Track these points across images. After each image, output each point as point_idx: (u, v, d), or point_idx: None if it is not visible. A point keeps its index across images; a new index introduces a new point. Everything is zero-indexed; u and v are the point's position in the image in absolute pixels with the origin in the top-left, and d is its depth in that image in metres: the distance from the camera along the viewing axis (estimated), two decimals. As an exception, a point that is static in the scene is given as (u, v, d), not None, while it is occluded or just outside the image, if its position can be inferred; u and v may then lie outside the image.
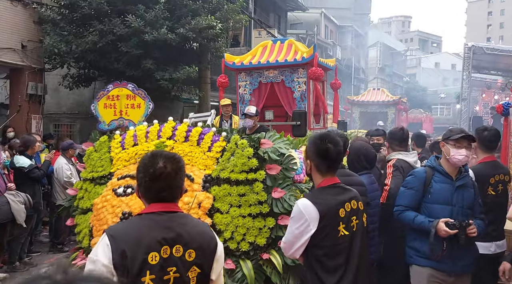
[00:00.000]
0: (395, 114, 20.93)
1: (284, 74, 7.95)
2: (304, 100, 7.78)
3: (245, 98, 8.24)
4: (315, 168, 2.45)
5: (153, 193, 1.80)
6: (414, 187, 3.25)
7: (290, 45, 8.32)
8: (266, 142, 3.56)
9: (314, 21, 29.84)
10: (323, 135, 2.47)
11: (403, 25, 75.18)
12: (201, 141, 3.66)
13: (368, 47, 45.63)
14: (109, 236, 1.71)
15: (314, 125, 8.01)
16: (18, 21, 9.76)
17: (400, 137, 4.16)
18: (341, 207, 2.36)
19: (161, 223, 1.76)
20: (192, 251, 1.78)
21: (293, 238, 2.35)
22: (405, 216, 3.23)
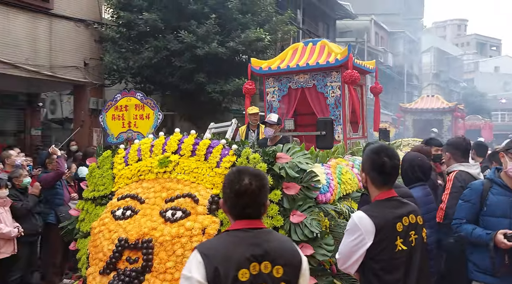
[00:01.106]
0: (452, 122, 20.05)
1: (316, 79, 7.24)
2: (339, 106, 7.03)
3: (273, 106, 7.65)
4: (371, 181, 2.43)
5: (239, 209, 1.84)
6: (470, 199, 3.20)
7: (323, 47, 7.61)
8: (283, 156, 3.18)
9: (364, 28, 29.50)
10: (379, 148, 2.45)
11: (459, 29, 72.31)
12: (209, 155, 3.28)
13: (421, 52, 44.34)
14: (201, 254, 1.76)
15: (351, 134, 7.33)
16: (81, 40, 10.49)
17: (464, 148, 4.00)
18: (398, 221, 2.32)
19: (248, 240, 1.80)
20: (280, 267, 1.80)
21: (348, 251, 2.33)
22: (463, 229, 3.18)
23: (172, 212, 2.92)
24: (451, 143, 4.14)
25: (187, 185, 3.13)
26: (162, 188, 3.15)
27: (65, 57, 10.09)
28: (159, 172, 3.28)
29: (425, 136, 12.47)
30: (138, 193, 3.18)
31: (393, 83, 33.61)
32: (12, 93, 11.21)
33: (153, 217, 2.95)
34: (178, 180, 3.19)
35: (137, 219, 2.97)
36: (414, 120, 20.70)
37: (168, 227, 2.85)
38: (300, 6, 18.38)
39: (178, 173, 3.24)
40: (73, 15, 10.23)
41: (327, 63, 7.01)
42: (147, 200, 3.11)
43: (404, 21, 39.49)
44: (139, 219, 2.96)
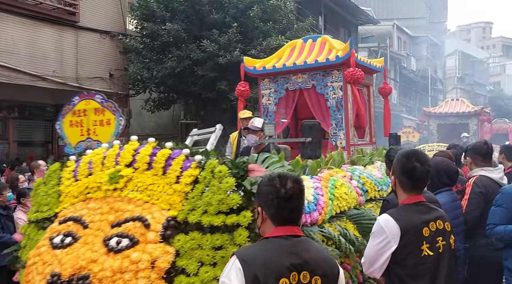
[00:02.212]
0: (478, 126, 19.50)
1: (315, 78, 6.45)
2: (341, 109, 6.27)
3: (269, 109, 6.83)
4: (400, 185, 2.41)
5: (285, 214, 1.83)
6: (502, 204, 3.14)
7: (324, 43, 6.78)
8: (256, 169, 2.64)
9: (386, 33, 29.21)
10: (411, 153, 2.41)
11: (483, 32, 70.95)
12: (168, 168, 2.67)
13: (445, 56, 43.63)
14: (241, 260, 1.73)
15: (356, 140, 6.55)
16: (106, 52, 10.72)
17: (485, 152, 3.91)
18: (425, 226, 2.29)
19: (287, 249, 1.78)
20: (318, 278, 1.79)
21: (374, 255, 2.32)
22: (496, 230, 3.14)
23: (117, 240, 2.38)
24: (472, 147, 4.06)
25: (139, 205, 2.57)
26: (110, 210, 2.60)
27: (91, 69, 10.31)
28: (109, 189, 2.69)
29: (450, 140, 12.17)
30: (83, 216, 2.63)
31: (416, 87, 33.13)
32: (40, 105, 11.50)
33: (94, 246, 2.41)
34: (129, 199, 2.62)
35: (76, 249, 2.43)
36: (439, 124, 20.23)
37: (110, 259, 2.32)
38: (321, 13, 18.36)
39: (131, 191, 2.65)
40: (98, 27, 10.47)
41: (327, 61, 6.26)
42: (91, 224, 2.56)
43: (427, 25, 39.00)
44: (78, 249, 2.42)
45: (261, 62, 6.96)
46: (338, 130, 6.27)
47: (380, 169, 4.72)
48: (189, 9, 10.21)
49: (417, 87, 33.16)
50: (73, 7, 9.75)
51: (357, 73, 5.79)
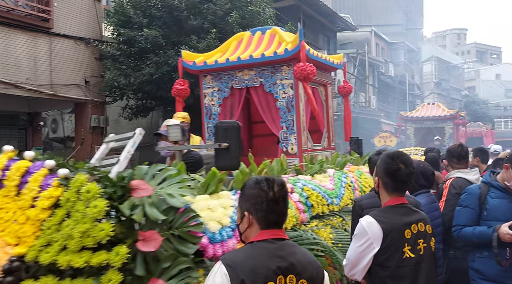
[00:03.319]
0: (453, 129, 19.92)
1: (263, 75, 5.70)
2: (292, 110, 5.58)
3: (212, 111, 6.03)
4: (383, 186, 2.41)
5: (274, 216, 1.83)
6: (469, 204, 3.14)
7: (273, 36, 6.04)
8: (142, 187, 2.05)
9: (364, 40, 29.60)
10: (396, 154, 2.44)
11: (458, 38, 72.58)
12: (24, 186, 2.00)
13: (422, 62, 44.44)
14: (226, 265, 1.72)
15: (310, 145, 5.89)
16: (82, 58, 10.50)
17: (458, 154, 3.96)
18: (407, 228, 2.30)
19: (274, 252, 1.78)
20: (304, 281, 1.79)
21: (356, 257, 2.31)
22: (464, 232, 3.13)
23: None
24: (447, 150, 4.14)
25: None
26: None
27: (66, 76, 10.08)
28: None
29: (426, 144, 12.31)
30: None
31: (394, 93, 33.60)
32: (13, 113, 11.20)
33: None
34: None
35: None
36: (415, 128, 20.57)
37: None
38: (300, 19, 18.45)
39: None
40: (73, 34, 10.25)
41: (275, 55, 5.53)
42: None
43: (404, 32, 39.69)
44: None
45: (203, 56, 6.17)
46: (289, 134, 5.62)
47: (333, 178, 4.27)
48: (167, 15, 10.10)
49: (395, 92, 33.64)
50: (47, 14, 9.53)
51: (308, 68, 5.13)
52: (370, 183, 4.91)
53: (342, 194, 4.17)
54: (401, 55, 36.96)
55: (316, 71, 5.55)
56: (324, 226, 3.50)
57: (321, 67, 6.07)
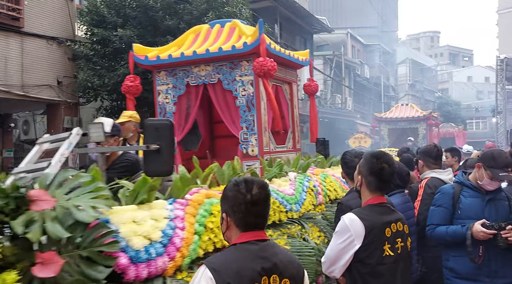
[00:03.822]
0: (426, 130, 20.26)
1: (221, 71, 5.31)
2: (252, 109, 5.19)
3: (167, 110, 5.59)
4: (366, 185, 2.46)
5: (252, 218, 1.81)
6: (442, 204, 3.18)
7: (233, 29, 5.63)
8: (43, 198, 1.71)
9: (340, 42, 29.91)
10: (379, 154, 2.51)
11: (432, 41, 74.18)
12: None
13: (397, 64, 45.20)
14: (211, 269, 1.70)
15: (273, 146, 5.49)
16: (54, 58, 10.27)
17: (435, 154, 4.02)
18: (387, 227, 2.36)
19: (257, 253, 1.78)
20: (287, 280, 1.81)
21: (336, 254, 2.35)
22: (437, 231, 3.17)
23: None
24: (423, 151, 4.18)
25: None
26: None
27: (38, 76, 9.84)
28: None
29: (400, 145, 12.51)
30: None
31: (370, 94, 34.08)
32: (-18, 114, 10.89)
33: None
34: None
35: None
36: (390, 129, 20.80)
37: None
38: (277, 21, 18.53)
39: None
40: (45, 33, 10.04)
41: (233, 49, 5.13)
42: None
43: (379, 34, 40.30)
44: None
45: (156, 50, 5.73)
46: (250, 135, 5.24)
47: (294, 182, 4.01)
48: (142, 15, 9.98)
49: (370, 94, 34.11)
50: (17, 12, 9.29)
51: (268, 63, 4.76)
52: (336, 187, 4.79)
53: (303, 199, 3.95)
54: (376, 57, 37.51)
55: (279, 67, 5.31)
56: (280, 236, 3.29)
57: (285, 64, 5.72)
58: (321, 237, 3.72)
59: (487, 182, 3.05)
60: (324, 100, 25.19)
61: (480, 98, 50.73)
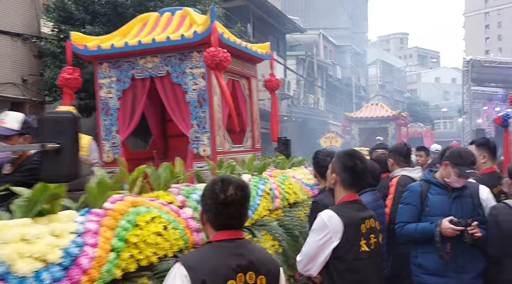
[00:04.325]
0: (396, 129, 20.69)
1: (170, 63, 4.84)
2: (204, 104, 4.74)
3: (110, 105, 5.09)
4: (340, 182, 2.52)
5: (223, 220, 1.81)
6: (411, 202, 3.25)
7: (184, 17, 5.19)
8: None
9: (313, 42, 30.14)
10: (352, 152, 2.60)
11: (401, 42, 75.83)
12: None
13: (367, 65, 45.95)
14: (186, 267, 1.70)
15: (228, 146, 5.08)
16: (19, 55, 9.92)
17: (406, 153, 4.13)
18: (362, 223, 2.43)
19: (233, 251, 1.78)
20: (263, 277, 1.82)
21: (314, 251, 2.37)
22: (406, 229, 3.22)
23: None
24: (394, 149, 4.25)
25: None
26: None
27: (1, 74, 9.49)
28: None
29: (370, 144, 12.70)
30: None
31: (342, 95, 34.50)
32: None
33: None
34: None
35: None
36: (360, 129, 21.12)
37: None
38: (250, 20, 18.50)
39: None
40: (9, 30, 9.67)
41: (182, 39, 4.68)
42: None
43: (351, 35, 40.83)
44: None
45: (98, 39, 5.24)
46: (201, 133, 4.79)
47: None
48: (111, 12, 9.74)
49: (342, 94, 34.55)
50: (-21, 7, 8.94)
51: (220, 54, 4.29)
52: (296, 189, 4.53)
53: (256, 204, 3.63)
54: (347, 58, 38.00)
55: (236, 60, 4.97)
56: None
57: (242, 57, 5.31)
58: (275, 247, 3.49)
59: (454, 179, 3.12)
60: (297, 100, 25.33)
61: (447, 99, 52.22)
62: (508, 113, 5.52)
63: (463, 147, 3.95)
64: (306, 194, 4.81)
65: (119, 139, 5.10)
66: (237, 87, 5.42)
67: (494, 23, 64.19)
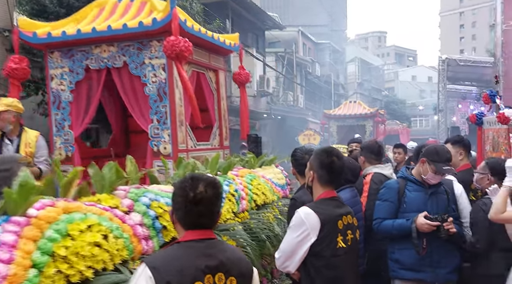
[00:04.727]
0: (373, 127, 20.89)
1: (127, 53, 4.48)
2: (165, 98, 4.40)
3: (62, 98, 4.74)
4: (318, 180, 2.53)
5: (193, 218, 1.75)
6: (389, 198, 3.29)
7: (144, 4, 4.83)
8: None
9: (292, 39, 30.23)
10: (328, 149, 2.61)
11: (379, 40, 76.79)
12: None
13: (346, 63, 46.37)
14: (151, 268, 1.64)
15: (193, 143, 4.77)
16: (-10, 49, 9.62)
17: (377, 150, 4.14)
18: (339, 219, 2.44)
19: (202, 251, 1.72)
20: (234, 278, 1.76)
21: (292, 248, 2.38)
22: (384, 225, 3.26)
23: None
24: (365, 147, 4.25)
25: None
26: None
27: (-28, 67, 9.18)
28: None
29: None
30: None
31: (321, 92, 34.73)
32: None
33: None
34: None
35: None
36: (338, 126, 21.26)
37: None
38: (229, 16, 18.41)
39: None
40: (-20, 22, 9.37)
41: (140, 26, 4.32)
42: None
43: (330, 33, 41.11)
44: None
45: (48, 26, 4.84)
46: (162, 130, 4.46)
47: None
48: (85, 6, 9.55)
49: (321, 91, 34.77)
50: None
51: (181, 43, 3.92)
52: (265, 190, 4.26)
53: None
54: (326, 55, 38.26)
55: (202, 51, 4.71)
56: None
57: (209, 47, 4.98)
58: None
59: (430, 176, 3.17)
60: (277, 97, 25.37)
61: (423, 97, 53.13)
62: (482, 111, 5.63)
63: (439, 144, 4.02)
64: (277, 195, 4.55)
65: (72, 135, 4.77)
66: (202, 80, 5.04)
67: (469, 23, 65.59)
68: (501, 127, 4.41)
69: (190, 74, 4.63)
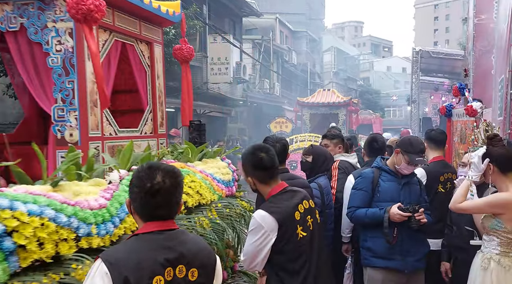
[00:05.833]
0: (346, 116, 20.85)
1: (25, 14, 3.62)
2: (72, 73, 3.52)
3: None
4: (258, 181, 2.50)
5: (150, 210, 1.68)
6: (363, 187, 3.37)
7: None
8: None
9: (269, 27, 30.09)
10: (253, 147, 2.55)
11: (356, 30, 77.32)
12: None
13: (322, 52, 46.55)
14: (107, 263, 1.56)
15: (113, 130, 3.95)
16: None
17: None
18: (295, 211, 2.43)
19: (161, 243, 1.65)
20: (195, 270, 1.71)
21: (254, 251, 2.39)
22: (357, 214, 3.35)
23: None
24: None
25: None
26: None
27: None
28: None
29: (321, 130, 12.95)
30: None
31: (297, 80, 34.85)
32: None
33: None
34: None
35: None
36: (311, 114, 20.96)
37: None
38: (206, 2, 18.18)
39: None
40: None
41: None
42: None
43: (307, 21, 41.08)
44: None
45: None
46: (67, 111, 3.57)
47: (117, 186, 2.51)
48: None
49: (297, 80, 34.89)
50: None
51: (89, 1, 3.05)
52: (201, 189, 3.25)
53: (123, 215, 2.36)
54: (303, 44, 38.28)
55: (127, 17, 4.03)
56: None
57: (140, 14, 4.21)
58: None
59: (404, 166, 3.26)
60: (253, 85, 25.34)
61: (397, 88, 54.03)
62: (452, 103, 5.79)
63: (413, 136, 4.17)
64: (218, 194, 3.58)
65: None
66: (130, 53, 4.19)
67: (443, 15, 66.74)
68: (469, 119, 4.55)
69: (111, 44, 3.84)
